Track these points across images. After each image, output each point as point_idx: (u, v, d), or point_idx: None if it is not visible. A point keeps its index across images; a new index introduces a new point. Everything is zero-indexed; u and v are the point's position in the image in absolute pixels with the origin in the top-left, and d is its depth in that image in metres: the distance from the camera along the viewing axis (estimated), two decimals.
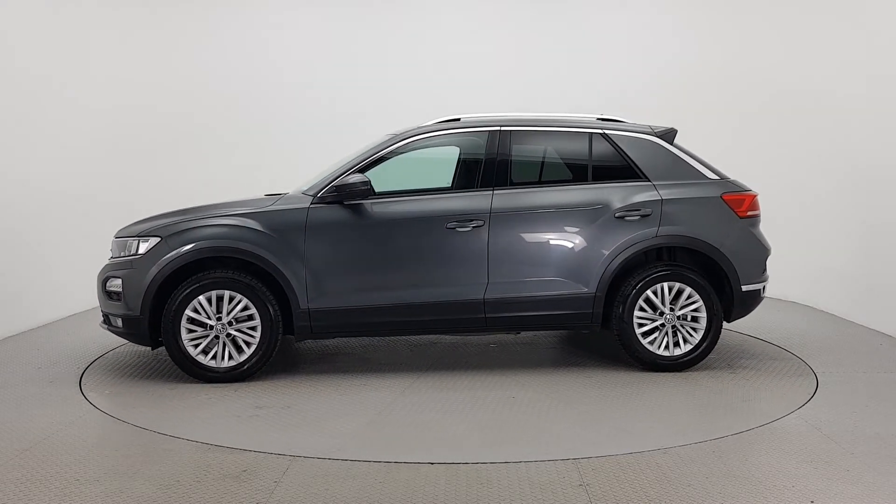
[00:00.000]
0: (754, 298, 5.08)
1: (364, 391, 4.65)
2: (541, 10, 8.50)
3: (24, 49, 6.36)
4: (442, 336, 5.93)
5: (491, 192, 4.91)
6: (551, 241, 4.92)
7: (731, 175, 5.22)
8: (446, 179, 5.45)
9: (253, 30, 8.35)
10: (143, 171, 7.97)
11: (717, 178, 5.08)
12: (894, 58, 6.01)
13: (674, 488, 3.21)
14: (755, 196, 5.11)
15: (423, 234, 4.86)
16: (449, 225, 4.83)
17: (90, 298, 7.21)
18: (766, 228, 5.26)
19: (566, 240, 4.91)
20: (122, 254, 4.91)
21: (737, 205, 5.00)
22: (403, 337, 6.01)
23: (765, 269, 5.15)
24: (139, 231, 4.92)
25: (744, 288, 4.97)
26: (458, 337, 5.92)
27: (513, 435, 3.89)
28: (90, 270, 7.16)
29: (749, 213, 5.04)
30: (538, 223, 4.91)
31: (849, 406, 4.31)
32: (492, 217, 4.84)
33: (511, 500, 3.11)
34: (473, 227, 4.83)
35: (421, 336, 5.98)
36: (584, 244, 4.89)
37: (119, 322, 4.83)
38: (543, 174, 5.31)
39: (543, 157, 5.31)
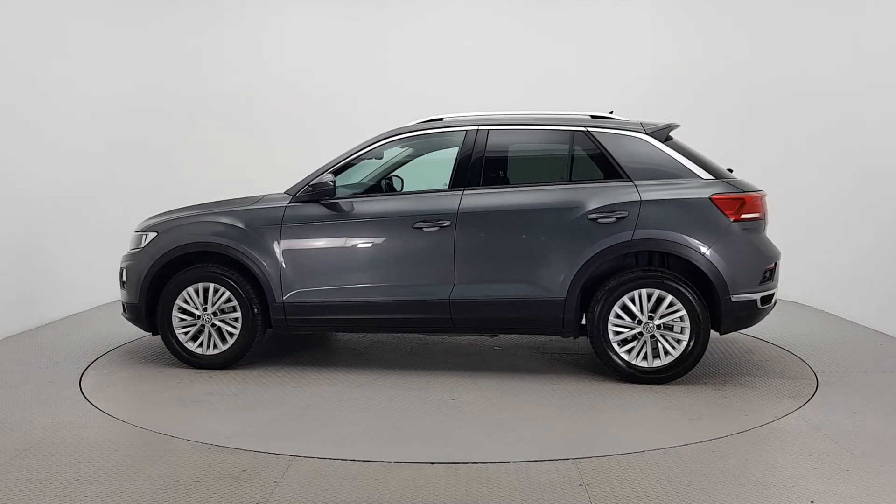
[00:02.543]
0: (749, 309, 4.64)
1: (319, 385, 4.77)
2: (546, 9, 8.49)
3: (16, 53, 6.35)
4: (453, 336, 5.92)
5: (460, 193, 4.87)
6: (519, 243, 4.75)
7: (738, 175, 4.96)
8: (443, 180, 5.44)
9: (249, 30, 8.35)
10: (144, 173, 7.98)
11: (712, 178, 4.72)
12: None
13: (674, 488, 3.22)
14: (754, 198, 4.71)
15: (391, 233, 4.89)
16: (416, 224, 4.83)
17: (90, 298, 7.26)
18: (769, 229, 4.99)
19: (535, 241, 4.72)
20: (134, 247, 5.31)
21: (728, 207, 4.61)
22: (411, 335, 6.01)
23: (764, 279, 4.70)
24: (143, 226, 5.35)
25: (734, 298, 4.58)
26: (466, 338, 5.90)
27: (404, 436, 3.88)
28: (90, 270, 7.21)
29: (744, 217, 4.63)
30: (506, 224, 4.77)
31: (849, 406, 4.31)
32: (459, 217, 4.79)
33: (511, 500, 3.11)
34: (440, 227, 4.80)
35: (430, 336, 5.97)
36: (554, 246, 4.69)
37: (125, 308, 5.29)
38: (522, 174, 5.17)
39: (522, 157, 5.19)
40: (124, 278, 5.22)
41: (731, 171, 5.02)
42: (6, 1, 6.17)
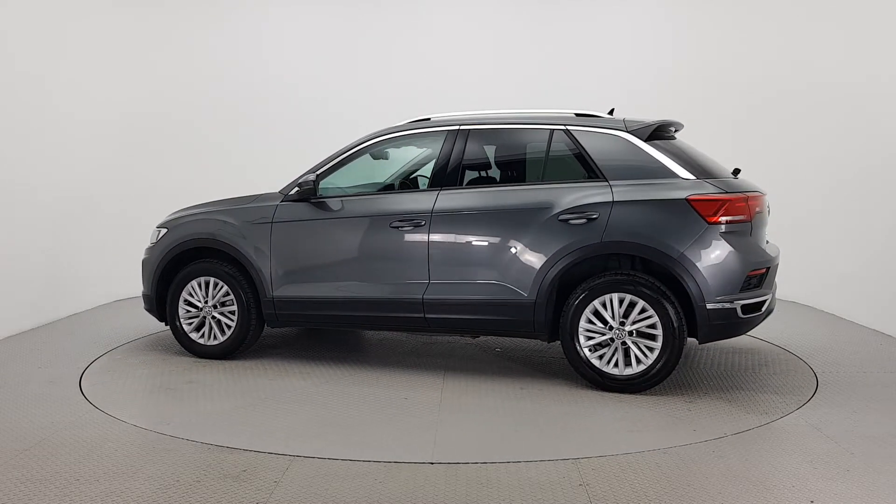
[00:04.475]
0: (728, 318, 4.32)
1: (293, 378, 4.93)
2: (546, 10, 8.49)
3: (16, 53, 6.34)
4: (461, 339, 5.91)
5: (436, 193, 4.86)
6: (490, 244, 4.68)
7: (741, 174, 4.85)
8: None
9: (249, 31, 8.35)
10: (144, 174, 7.95)
11: (693, 178, 4.45)
12: None
13: (674, 488, 3.21)
14: (736, 199, 4.40)
15: (370, 231, 4.94)
16: (393, 224, 4.86)
17: (90, 298, 7.25)
18: (770, 229, 4.94)
19: (505, 242, 4.64)
20: (152, 242, 5.61)
21: (706, 209, 4.34)
22: (421, 336, 6.02)
23: (748, 286, 4.40)
24: (160, 223, 5.66)
25: (709, 305, 4.30)
26: (474, 340, 5.88)
27: (325, 430, 3.96)
28: (89, 270, 7.20)
29: (723, 219, 4.34)
30: (478, 224, 4.72)
31: (849, 406, 4.31)
32: (433, 217, 4.79)
33: (511, 500, 3.11)
34: (416, 226, 4.81)
35: (438, 336, 5.96)
36: (524, 248, 4.59)
37: (143, 299, 5.63)
38: (501, 174, 5.12)
39: (502, 156, 5.13)
40: (142, 271, 5.59)
41: (738, 170, 4.89)
42: (6, 1, 6.16)
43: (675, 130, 5.06)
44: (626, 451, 3.63)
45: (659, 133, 4.75)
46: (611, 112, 5.13)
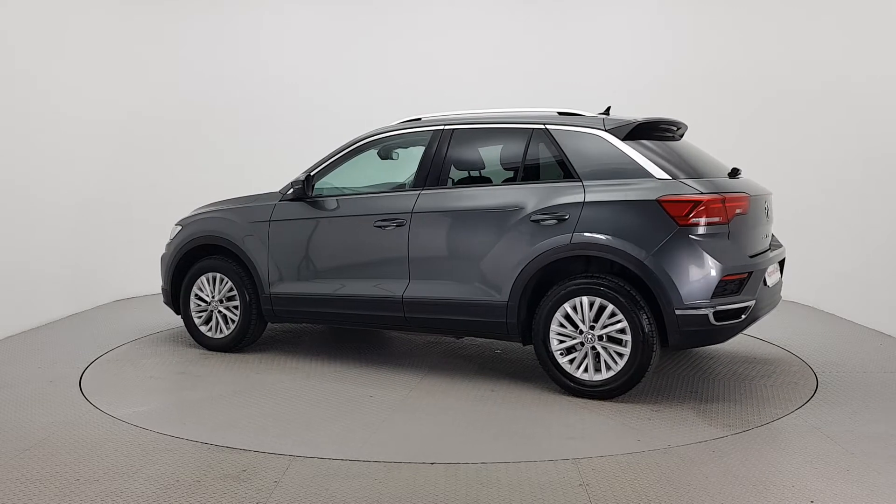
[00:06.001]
0: (699, 325, 4.11)
1: (278, 373, 5.05)
2: (547, 11, 8.50)
3: (21, 56, 6.34)
4: (474, 338, 5.88)
5: (417, 192, 4.88)
6: (466, 244, 4.65)
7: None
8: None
9: (248, 32, 8.35)
10: (144, 175, 7.95)
11: (669, 178, 4.26)
12: None
13: (674, 488, 3.21)
14: (712, 201, 4.16)
15: (355, 230, 5.02)
16: (377, 223, 4.91)
17: (90, 298, 7.25)
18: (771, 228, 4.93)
19: (480, 243, 4.59)
20: (170, 238, 5.82)
21: (677, 210, 4.14)
22: (428, 336, 6.02)
23: (722, 292, 4.15)
24: (177, 220, 5.89)
25: (678, 311, 4.11)
26: (479, 341, 5.86)
27: (267, 423, 4.06)
28: (89, 270, 7.20)
29: (696, 221, 4.13)
30: (455, 224, 4.70)
31: (849, 406, 4.31)
32: (413, 217, 4.81)
33: (511, 500, 3.11)
34: (395, 225, 4.85)
35: (444, 337, 5.94)
36: (498, 249, 4.53)
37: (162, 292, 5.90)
38: (481, 173, 5.09)
39: (483, 156, 5.10)
40: (160, 266, 5.86)
41: (737, 170, 4.82)
42: (6, 0, 6.16)
43: (678, 129, 4.94)
44: (626, 451, 3.63)
45: (645, 132, 4.57)
46: (607, 111, 4.97)
